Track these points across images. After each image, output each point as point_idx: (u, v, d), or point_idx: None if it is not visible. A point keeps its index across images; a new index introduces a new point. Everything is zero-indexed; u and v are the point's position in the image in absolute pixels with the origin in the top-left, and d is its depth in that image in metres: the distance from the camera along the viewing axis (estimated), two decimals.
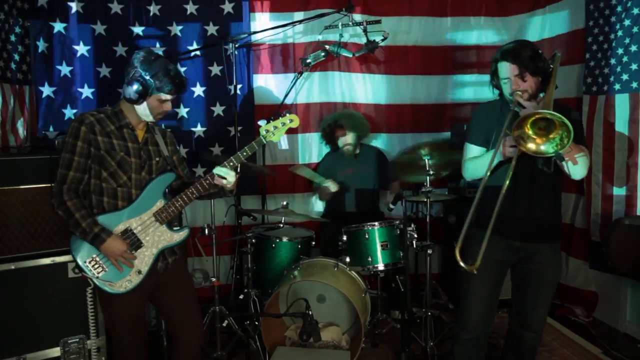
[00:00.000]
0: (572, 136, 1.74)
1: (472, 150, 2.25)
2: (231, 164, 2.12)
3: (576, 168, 1.98)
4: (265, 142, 2.20)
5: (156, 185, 2.10)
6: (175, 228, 2.15)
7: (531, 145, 1.84)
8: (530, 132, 1.83)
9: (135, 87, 1.98)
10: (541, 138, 1.83)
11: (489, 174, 1.98)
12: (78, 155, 1.99)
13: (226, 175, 2.10)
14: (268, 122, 2.22)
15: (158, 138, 2.21)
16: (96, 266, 2.01)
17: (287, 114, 2.20)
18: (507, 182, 1.93)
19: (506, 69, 2.06)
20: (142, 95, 2.00)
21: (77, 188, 2.02)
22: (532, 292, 2.24)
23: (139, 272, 2.06)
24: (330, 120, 3.75)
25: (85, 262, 2.01)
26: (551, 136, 1.81)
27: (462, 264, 1.89)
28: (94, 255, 2.01)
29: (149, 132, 2.17)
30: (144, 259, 2.07)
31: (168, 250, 2.15)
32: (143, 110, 2.05)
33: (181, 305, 2.22)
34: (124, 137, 2.08)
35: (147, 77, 1.98)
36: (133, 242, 2.05)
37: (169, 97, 2.05)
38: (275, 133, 2.20)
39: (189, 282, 2.33)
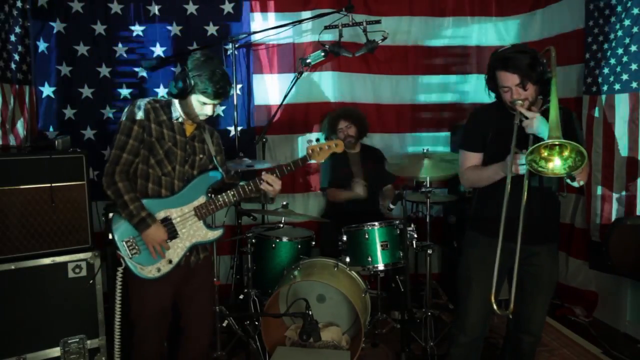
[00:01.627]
0: (586, 160, 1.73)
1: (470, 157, 2.23)
2: (276, 173, 2.19)
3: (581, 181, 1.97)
4: (309, 160, 2.23)
5: (201, 181, 2.16)
6: (210, 226, 2.19)
7: (543, 167, 1.83)
8: (545, 153, 1.82)
9: (177, 83, 2.03)
10: (554, 157, 1.82)
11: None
12: (133, 139, 2.04)
13: (273, 183, 2.15)
14: (317, 141, 2.26)
15: (206, 136, 2.26)
16: (132, 247, 2.06)
17: (334, 139, 2.29)
18: (508, 186, 1.91)
19: (506, 78, 2.01)
20: (182, 93, 2.04)
21: (128, 170, 2.07)
22: (530, 295, 2.22)
23: (170, 261, 2.10)
24: (332, 115, 3.78)
25: (122, 240, 2.05)
26: (564, 154, 1.80)
27: (497, 310, 1.88)
28: (132, 237, 2.06)
29: (197, 130, 2.21)
30: (176, 250, 2.12)
31: (202, 246, 2.22)
32: (185, 108, 2.09)
33: (199, 303, 2.26)
34: (174, 129, 2.13)
35: (191, 77, 2.01)
36: (170, 231, 2.09)
37: (208, 100, 2.06)
38: (320, 154, 2.24)
39: (211, 281, 2.40)
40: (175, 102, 2.13)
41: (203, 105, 2.08)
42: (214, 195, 2.17)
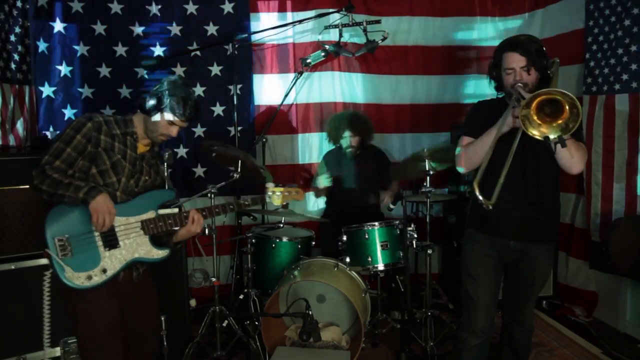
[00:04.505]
0: (580, 120, 1.74)
1: (468, 141, 2.23)
2: (231, 207, 2.21)
3: (575, 157, 1.98)
4: (268, 200, 2.28)
5: (154, 196, 2.10)
6: (157, 244, 2.07)
7: (534, 131, 1.83)
8: (535, 117, 1.82)
9: (152, 100, 2.05)
10: (545, 125, 1.82)
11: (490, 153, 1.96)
12: (72, 149, 1.96)
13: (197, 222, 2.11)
14: (277, 185, 2.31)
15: (155, 162, 2.23)
16: (63, 247, 1.89)
17: (295, 186, 2.32)
18: (510, 158, 1.91)
19: (513, 59, 2.05)
20: (154, 109, 2.05)
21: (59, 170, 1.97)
22: (523, 291, 2.28)
23: (104, 271, 1.94)
24: (339, 120, 3.73)
25: (55, 237, 1.88)
26: (557, 122, 1.80)
27: (480, 197, 1.84)
28: (67, 236, 1.90)
29: (149, 152, 2.18)
30: (113, 261, 1.97)
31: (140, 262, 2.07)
32: (150, 125, 2.08)
33: (148, 317, 2.18)
34: (126, 143, 2.08)
35: (166, 95, 2.04)
36: (111, 239, 1.97)
37: (177, 120, 2.07)
38: (279, 198, 2.28)
39: (155, 293, 2.24)
40: (136, 119, 2.11)
41: (170, 126, 2.08)
42: (164, 215, 2.07)
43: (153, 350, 2.25)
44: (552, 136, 1.81)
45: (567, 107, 1.77)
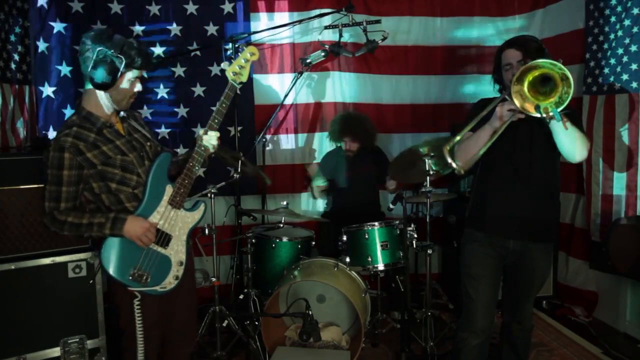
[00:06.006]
0: (572, 91, 1.71)
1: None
2: (215, 121, 2.00)
3: (573, 140, 1.95)
4: (237, 85, 2.03)
5: (158, 172, 1.98)
6: (189, 209, 2.07)
7: (529, 105, 1.80)
8: (527, 93, 1.79)
9: (103, 68, 1.79)
10: (539, 101, 1.79)
11: (483, 150, 1.95)
12: (66, 185, 1.85)
13: (212, 138, 2.00)
14: (230, 65, 2.04)
15: (135, 124, 2.09)
16: (140, 276, 1.91)
17: (245, 48, 2.06)
18: (493, 138, 1.89)
19: (510, 55, 2.09)
20: (114, 77, 1.82)
21: (73, 207, 1.91)
22: (522, 292, 2.29)
23: (181, 263, 2.00)
24: (342, 122, 3.73)
25: (129, 278, 1.90)
26: (550, 99, 1.77)
27: (450, 159, 1.82)
28: (134, 269, 1.90)
29: (125, 122, 2.04)
30: (179, 250, 2.01)
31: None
32: (114, 96, 1.89)
33: (187, 311, 2.19)
34: (109, 139, 1.93)
35: (111, 55, 1.79)
36: (163, 238, 1.96)
37: (140, 72, 1.91)
38: (242, 73, 2.04)
39: (194, 293, 2.27)
40: (92, 105, 1.90)
41: (133, 83, 1.92)
42: (178, 178, 2.00)
43: (182, 350, 2.24)
44: (543, 106, 1.77)
45: (559, 81, 1.73)
